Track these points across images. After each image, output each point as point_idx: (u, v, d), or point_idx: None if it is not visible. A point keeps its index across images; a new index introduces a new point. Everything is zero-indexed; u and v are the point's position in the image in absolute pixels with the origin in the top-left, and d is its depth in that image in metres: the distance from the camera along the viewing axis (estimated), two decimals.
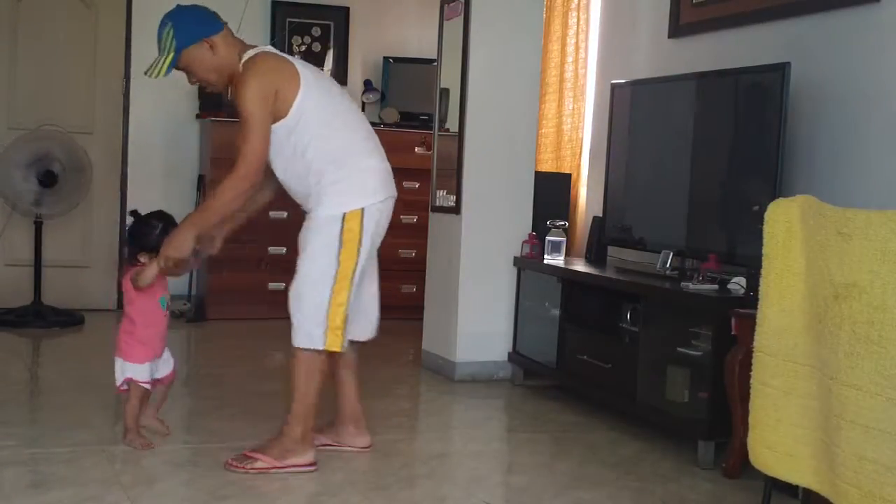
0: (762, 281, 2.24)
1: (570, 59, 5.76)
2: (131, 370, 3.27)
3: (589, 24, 5.63)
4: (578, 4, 5.68)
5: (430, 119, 5.30)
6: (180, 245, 3.07)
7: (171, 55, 3.10)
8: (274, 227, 5.56)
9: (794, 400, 2.19)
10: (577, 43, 5.70)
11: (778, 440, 2.24)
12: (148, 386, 3.31)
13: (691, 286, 3.59)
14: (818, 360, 2.10)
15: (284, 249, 5.78)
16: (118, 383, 3.29)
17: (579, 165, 5.70)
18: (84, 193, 5.75)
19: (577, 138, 5.74)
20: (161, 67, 3.10)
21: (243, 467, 3.08)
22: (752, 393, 2.30)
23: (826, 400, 2.07)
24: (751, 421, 2.31)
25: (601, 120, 5.12)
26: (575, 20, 5.71)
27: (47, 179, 5.57)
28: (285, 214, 5.42)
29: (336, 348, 3.13)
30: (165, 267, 3.12)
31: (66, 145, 5.65)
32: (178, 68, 3.15)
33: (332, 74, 6.60)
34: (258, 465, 3.09)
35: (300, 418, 3.13)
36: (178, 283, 5.72)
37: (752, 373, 2.31)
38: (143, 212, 3.34)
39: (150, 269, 3.18)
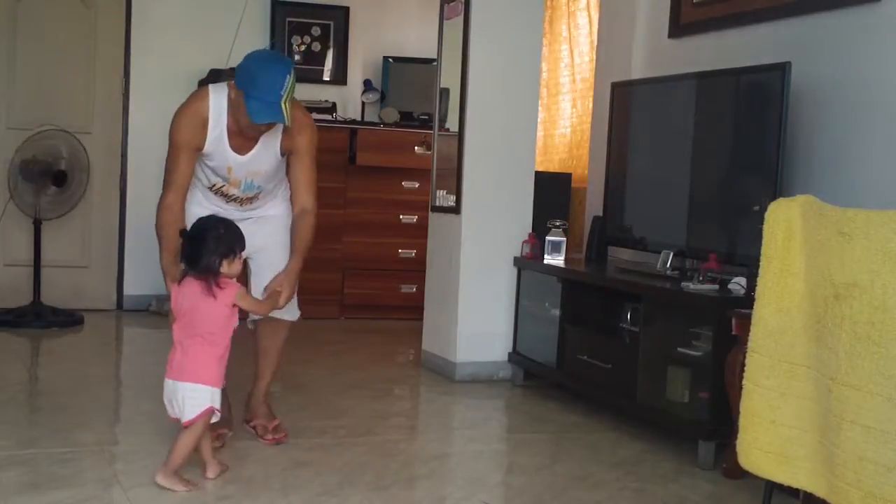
0: (759, 281, 2.24)
1: (571, 59, 5.76)
2: (217, 397, 2.95)
3: (591, 25, 5.63)
4: (588, 4, 5.68)
5: (430, 119, 5.30)
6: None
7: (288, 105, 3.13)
8: None
9: (790, 401, 2.18)
10: (578, 43, 5.70)
11: (771, 441, 2.22)
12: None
13: (691, 286, 3.59)
14: (816, 360, 2.09)
15: None
16: (196, 414, 2.89)
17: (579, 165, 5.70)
18: (82, 193, 5.76)
19: (576, 138, 5.74)
20: (289, 115, 3.11)
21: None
22: (743, 394, 2.28)
23: (824, 400, 2.06)
24: (742, 423, 2.29)
25: (601, 120, 5.11)
26: (586, 20, 5.71)
27: (58, 179, 5.61)
28: None
29: None
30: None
31: (71, 144, 5.67)
32: None
33: (331, 74, 6.62)
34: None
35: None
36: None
37: (744, 373, 2.29)
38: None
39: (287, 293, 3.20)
